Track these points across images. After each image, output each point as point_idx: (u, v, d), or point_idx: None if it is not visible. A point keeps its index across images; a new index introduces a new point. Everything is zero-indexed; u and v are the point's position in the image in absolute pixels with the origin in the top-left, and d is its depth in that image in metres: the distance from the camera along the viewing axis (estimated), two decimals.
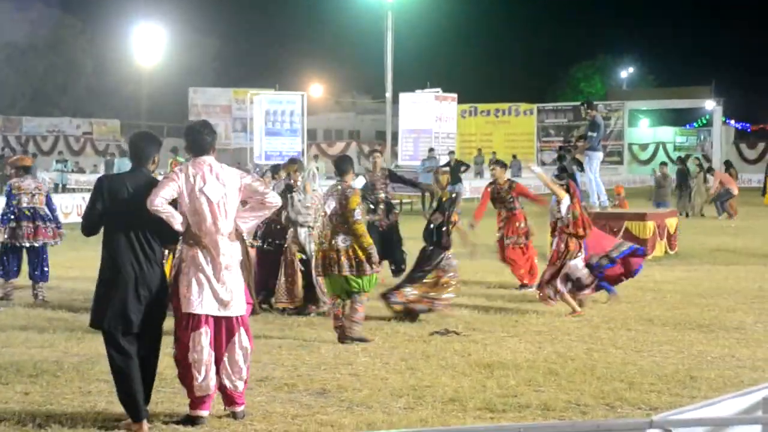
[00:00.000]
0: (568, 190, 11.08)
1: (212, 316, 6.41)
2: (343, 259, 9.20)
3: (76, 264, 15.12)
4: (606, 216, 16.56)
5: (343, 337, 9.27)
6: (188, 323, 6.41)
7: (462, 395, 7.22)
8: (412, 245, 12.38)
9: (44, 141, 54.34)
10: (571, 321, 10.48)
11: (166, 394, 7.12)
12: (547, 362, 8.37)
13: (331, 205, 9.42)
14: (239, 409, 6.61)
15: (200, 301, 6.37)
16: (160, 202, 6.24)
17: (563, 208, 10.98)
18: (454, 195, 11.29)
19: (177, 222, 6.36)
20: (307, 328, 10.09)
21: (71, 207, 22.33)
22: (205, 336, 6.39)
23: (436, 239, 10.77)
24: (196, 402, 6.48)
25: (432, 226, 10.80)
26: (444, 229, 10.74)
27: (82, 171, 43.10)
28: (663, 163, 27.29)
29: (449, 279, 10.75)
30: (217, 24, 69.46)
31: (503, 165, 13.72)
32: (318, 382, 7.62)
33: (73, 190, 33.47)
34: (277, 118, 35.87)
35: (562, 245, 10.93)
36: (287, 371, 8.01)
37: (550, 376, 7.87)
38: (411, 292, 10.57)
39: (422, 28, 62.25)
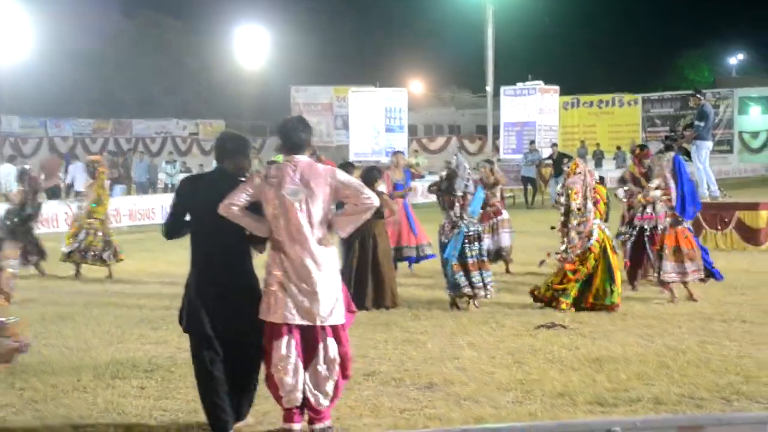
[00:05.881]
0: None
1: (298, 326, 5.99)
2: None
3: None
4: (717, 206, 16.17)
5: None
6: (270, 332, 6.02)
7: (571, 389, 7.12)
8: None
9: (153, 143, 55.74)
10: (682, 314, 10.24)
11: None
12: (659, 356, 8.20)
13: None
14: (318, 426, 6.08)
15: (276, 309, 5.95)
16: (229, 209, 5.93)
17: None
18: None
19: (255, 229, 6.04)
20: (413, 322, 10.09)
21: None
22: (286, 346, 5.97)
23: None
24: (287, 415, 6.10)
25: None
26: None
27: (189, 171, 43.88)
28: None
29: None
30: (318, 23, 70.27)
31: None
32: (425, 377, 7.62)
33: None
34: (388, 114, 36.69)
35: None
36: (394, 366, 8.03)
37: (661, 369, 7.70)
38: None
39: (522, 21, 61.54)
